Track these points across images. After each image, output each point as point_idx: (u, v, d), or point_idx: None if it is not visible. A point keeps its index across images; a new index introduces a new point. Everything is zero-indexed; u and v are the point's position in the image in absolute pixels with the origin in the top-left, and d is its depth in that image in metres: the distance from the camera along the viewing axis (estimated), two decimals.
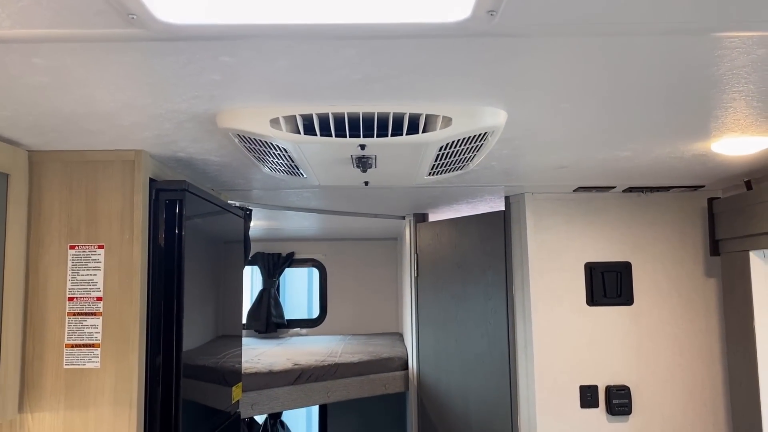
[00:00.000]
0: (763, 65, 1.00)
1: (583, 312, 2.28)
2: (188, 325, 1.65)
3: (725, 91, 1.14)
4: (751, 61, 0.98)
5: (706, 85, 1.11)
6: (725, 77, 1.06)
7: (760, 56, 0.96)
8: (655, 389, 2.25)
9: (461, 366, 2.63)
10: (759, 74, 1.04)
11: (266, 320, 4.18)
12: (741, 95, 1.16)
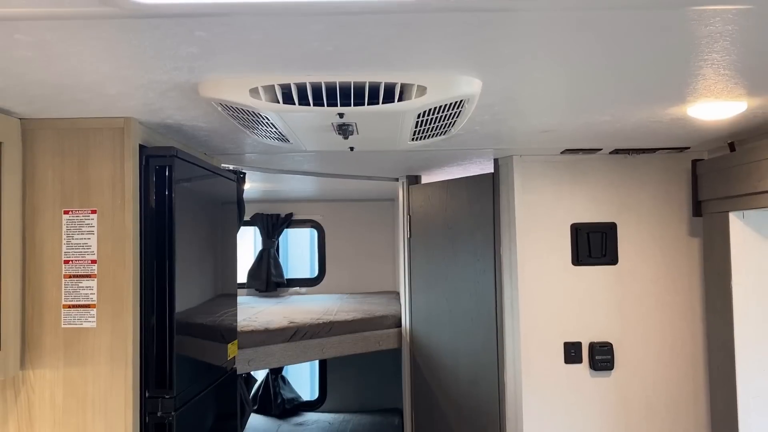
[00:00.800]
0: (722, 36, 1.03)
1: (568, 271, 2.34)
2: (182, 285, 1.71)
3: (693, 59, 1.16)
4: (709, 33, 1.01)
5: (675, 55, 1.13)
6: (692, 47, 1.09)
7: (717, 29, 0.99)
8: (636, 346, 2.32)
9: (451, 323, 2.71)
10: (720, 44, 1.07)
11: (266, 279, 4.27)
12: (708, 63, 1.19)
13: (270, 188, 3.77)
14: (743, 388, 2.01)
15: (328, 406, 4.38)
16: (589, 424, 2.31)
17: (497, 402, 2.41)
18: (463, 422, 2.62)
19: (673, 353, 2.32)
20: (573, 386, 2.32)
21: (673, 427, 2.30)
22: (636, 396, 2.31)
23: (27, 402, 1.57)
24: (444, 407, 2.74)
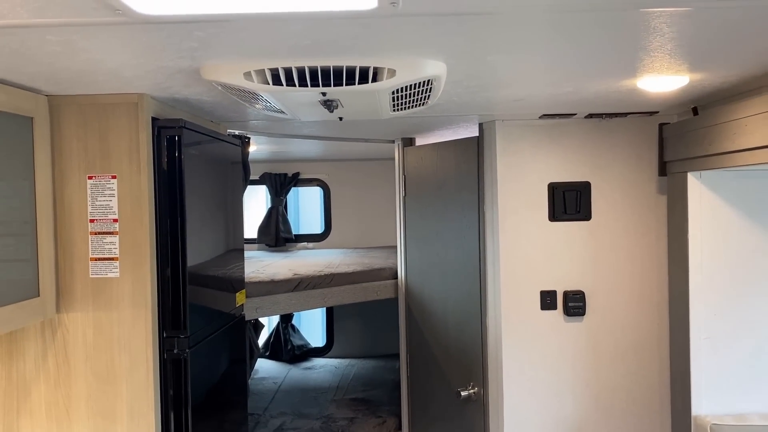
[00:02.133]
0: (666, 29, 1.22)
1: (545, 226, 2.55)
2: (192, 240, 1.95)
3: (641, 46, 1.36)
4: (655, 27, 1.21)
5: (625, 43, 1.34)
6: (641, 38, 1.29)
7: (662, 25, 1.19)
8: (607, 294, 2.55)
9: (441, 275, 2.95)
10: (664, 35, 1.26)
11: (275, 235, 4.52)
12: (653, 48, 1.38)
13: (277, 150, 3.98)
14: (695, 330, 2.24)
15: (334, 353, 4.69)
16: (563, 365, 2.56)
17: (480, 344, 2.66)
18: (451, 362, 2.88)
19: (639, 301, 2.54)
20: (548, 330, 2.55)
21: (639, 367, 2.54)
22: (605, 339, 2.55)
23: (63, 340, 1.84)
24: (434, 349, 3.01)
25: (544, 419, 2.56)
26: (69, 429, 1.84)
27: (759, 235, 2.23)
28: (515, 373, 2.56)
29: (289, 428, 3.17)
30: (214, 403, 2.29)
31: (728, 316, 2.23)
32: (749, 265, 2.23)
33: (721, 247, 2.23)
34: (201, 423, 2.06)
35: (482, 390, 2.66)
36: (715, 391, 2.23)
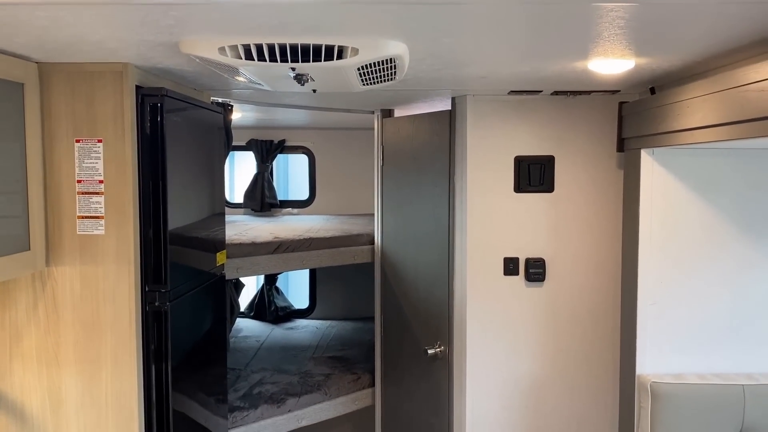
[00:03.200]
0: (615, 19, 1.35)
1: (510, 198, 2.70)
2: (174, 201, 2.09)
3: (591, 33, 1.49)
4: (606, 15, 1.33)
5: (576, 30, 1.47)
6: (592, 26, 1.41)
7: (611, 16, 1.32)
8: (566, 261, 2.71)
9: (413, 241, 3.11)
10: (613, 24, 1.39)
11: (261, 201, 4.66)
12: (603, 35, 1.51)
13: (263, 117, 4.09)
14: (642, 296, 2.41)
15: (317, 314, 4.88)
16: (523, 327, 2.73)
17: (447, 306, 2.83)
18: (420, 323, 3.06)
19: (596, 269, 2.71)
20: (510, 295, 2.72)
21: (594, 330, 2.72)
22: (563, 304, 2.72)
23: (52, 292, 1.98)
24: (406, 311, 3.18)
25: (504, 376, 2.74)
26: (58, 373, 2.00)
27: (705, 209, 2.38)
28: (478, 333, 2.73)
29: (268, 382, 3.35)
30: (195, 356, 2.46)
31: (673, 284, 2.40)
32: (695, 236, 2.39)
33: (670, 219, 2.39)
34: (181, 373, 2.23)
35: (447, 348, 2.84)
36: (658, 353, 2.41)
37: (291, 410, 3.19)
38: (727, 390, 2.28)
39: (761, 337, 2.40)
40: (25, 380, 2.01)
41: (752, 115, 1.57)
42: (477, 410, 2.75)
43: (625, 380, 2.58)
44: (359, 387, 3.48)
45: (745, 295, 2.40)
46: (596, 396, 2.73)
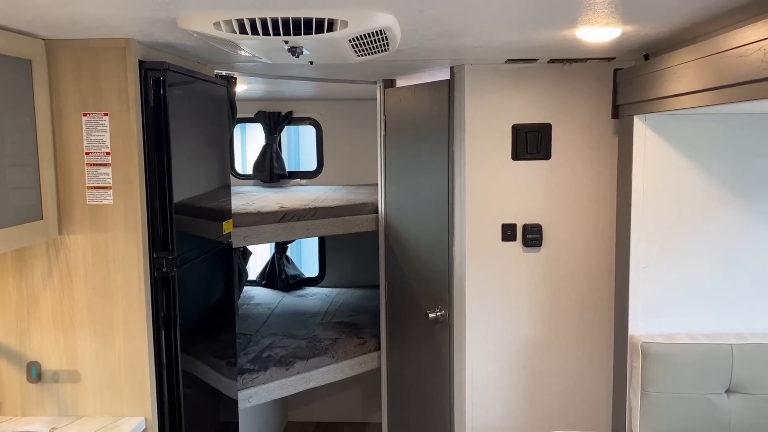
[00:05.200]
0: None
1: (508, 165, 2.76)
2: (179, 173, 2.17)
3: None
4: None
5: None
6: None
7: None
8: (562, 227, 2.77)
9: (415, 210, 3.19)
10: None
11: (269, 172, 4.75)
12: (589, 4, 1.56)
13: (270, 89, 4.15)
14: (635, 259, 2.47)
15: (326, 283, 4.99)
16: (520, 291, 2.81)
17: (447, 272, 2.92)
18: (421, 288, 3.15)
19: (592, 234, 2.77)
20: (507, 260, 2.80)
21: (589, 294, 2.79)
22: (560, 268, 2.79)
23: (65, 259, 2.09)
24: (409, 277, 3.27)
25: (502, 338, 2.83)
26: (74, 335, 2.12)
27: (697, 174, 2.43)
28: (477, 297, 2.82)
29: (278, 346, 3.48)
30: (205, 321, 2.58)
31: (665, 247, 2.46)
32: (686, 201, 2.44)
33: (662, 184, 2.44)
34: (191, 336, 2.34)
35: (448, 312, 2.93)
36: (649, 314, 2.48)
37: (299, 372, 3.32)
38: (715, 349, 2.35)
39: (751, 299, 2.46)
40: (43, 342, 2.13)
41: (732, 81, 1.61)
42: (476, 371, 2.85)
43: (618, 341, 2.66)
44: (365, 351, 3.60)
45: (736, 257, 2.45)
46: (591, 357, 2.81)
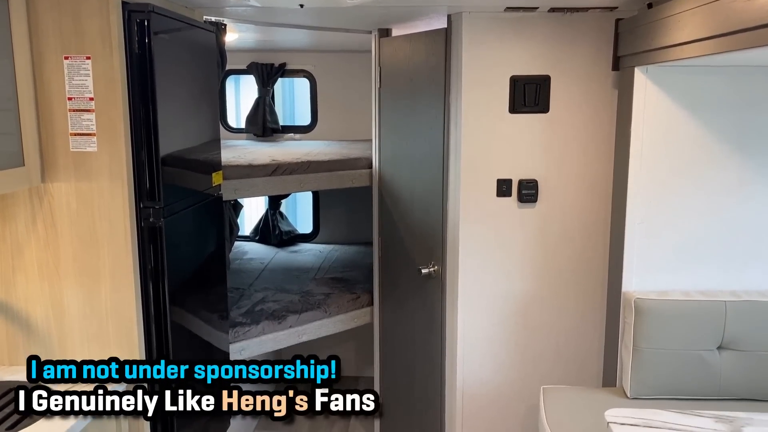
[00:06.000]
0: None
1: (505, 119, 2.69)
2: (165, 120, 2.11)
3: None
4: None
5: None
6: None
7: None
8: (558, 183, 2.73)
9: (410, 164, 3.13)
10: None
11: (262, 126, 4.67)
12: None
13: (263, 38, 4.04)
14: (631, 215, 2.44)
15: (320, 239, 4.96)
16: (514, 247, 2.78)
17: (441, 228, 2.88)
18: (415, 244, 3.12)
19: (588, 190, 2.72)
20: (502, 216, 2.76)
21: (584, 250, 2.76)
22: (555, 224, 2.76)
23: (49, 207, 2.04)
24: (402, 233, 3.24)
25: (495, 294, 2.82)
26: (59, 285, 2.09)
27: (698, 128, 2.37)
28: (470, 253, 2.79)
29: (270, 300, 3.46)
30: (195, 274, 2.55)
31: (661, 203, 2.43)
32: (685, 156, 2.39)
33: (661, 138, 2.39)
34: (180, 288, 2.32)
35: (441, 268, 2.91)
36: (644, 271, 2.46)
37: (291, 326, 3.31)
38: (709, 306, 2.34)
39: (747, 255, 2.44)
40: (29, 292, 2.10)
41: (738, 27, 1.55)
42: (468, 326, 2.84)
43: (611, 297, 2.65)
44: (358, 306, 3.59)
45: (733, 214, 2.42)
46: (584, 313, 2.80)
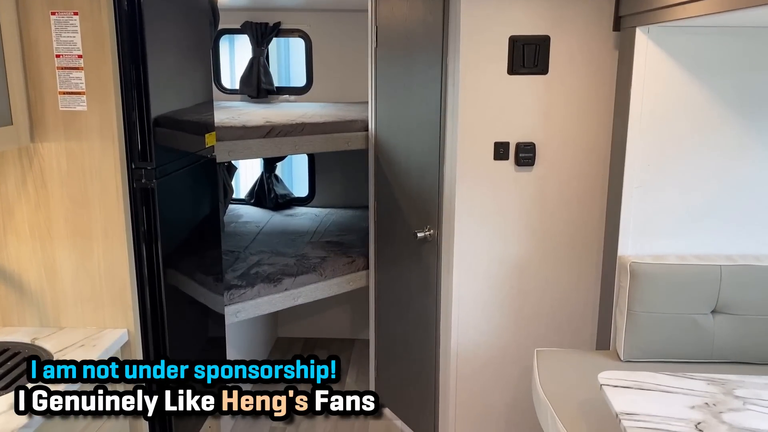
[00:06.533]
0: None
1: (503, 80, 2.65)
2: (157, 81, 2.07)
3: None
4: None
5: None
6: None
7: None
8: (556, 146, 2.70)
9: (406, 126, 3.09)
10: None
11: (257, 87, 4.59)
12: None
13: None
14: (628, 178, 2.42)
15: (316, 202, 4.94)
16: (511, 211, 2.76)
17: (437, 191, 2.86)
18: (411, 208, 3.10)
19: (587, 153, 2.69)
20: (499, 179, 2.73)
21: (579, 214, 2.75)
22: (551, 188, 2.73)
23: (40, 168, 2.01)
24: (398, 197, 3.22)
25: (490, 258, 2.81)
26: (51, 246, 2.07)
27: (699, 91, 2.34)
28: (466, 216, 2.77)
29: (266, 264, 3.45)
30: (189, 236, 2.53)
31: (659, 166, 2.40)
32: (686, 119, 2.36)
33: (661, 101, 2.35)
34: (174, 250, 2.30)
35: (436, 232, 2.90)
36: (640, 235, 2.45)
37: (287, 289, 3.31)
38: (704, 270, 2.33)
39: (744, 220, 2.43)
40: (21, 253, 2.08)
41: None
42: (463, 290, 2.84)
43: (607, 261, 2.65)
44: (354, 269, 3.59)
45: (732, 178, 2.41)
46: (579, 277, 2.80)
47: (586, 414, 2.07)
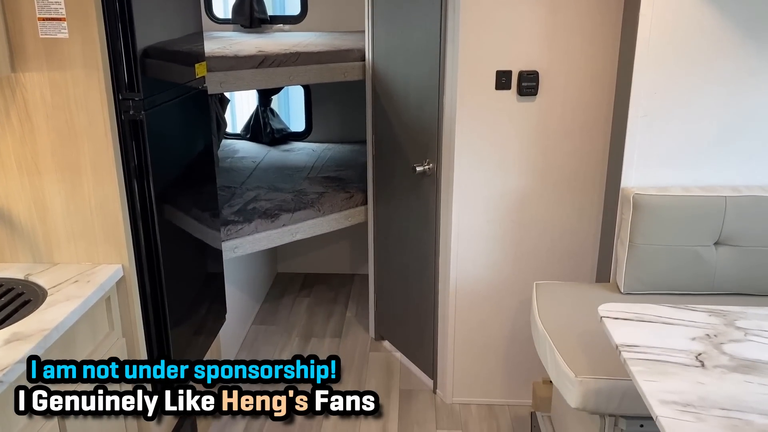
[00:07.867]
0: None
1: (506, 4, 2.52)
2: (142, 10, 1.96)
3: None
4: None
5: None
6: None
7: None
8: (560, 75, 2.60)
9: (405, 56, 2.98)
10: None
11: (249, 16, 4.42)
12: None
13: None
14: (634, 107, 2.34)
15: (313, 137, 4.84)
16: (512, 142, 2.69)
17: (436, 123, 2.78)
18: (409, 141, 3.03)
19: (592, 82, 2.60)
20: (500, 110, 2.65)
21: (583, 145, 2.68)
22: (554, 119, 2.66)
23: (23, 99, 1.93)
24: (397, 129, 3.14)
25: (491, 191, 2.76)
26: (40, 180, 2.01)
27: (710, 14, 2.23)
28: (466, 149, 2.70)
29: (263, 199, 3.41)
30: (182, 170, 2.47)
31: (667, 95, 2.32)
32: (695, 47, 2.27)
33: (671, 27, 2.25)
34: (167, 185, 2.25)
35: (436, 165, 2.83)
36: (644, 166, 2.39)
37: (285, 225, 3.27)
38: (709, 201, 2.29)
39: (751, 150, 2.37)
40: (9, 188, 2.03)
41: None
42: (463, 224, 2.80)
43: (609, 193, 2.60)
44: (352, 205, 3.54)
45: (739, 108, 2.33)
46: (581, 210, 2.76)
47: (586, 346, 2.06)
